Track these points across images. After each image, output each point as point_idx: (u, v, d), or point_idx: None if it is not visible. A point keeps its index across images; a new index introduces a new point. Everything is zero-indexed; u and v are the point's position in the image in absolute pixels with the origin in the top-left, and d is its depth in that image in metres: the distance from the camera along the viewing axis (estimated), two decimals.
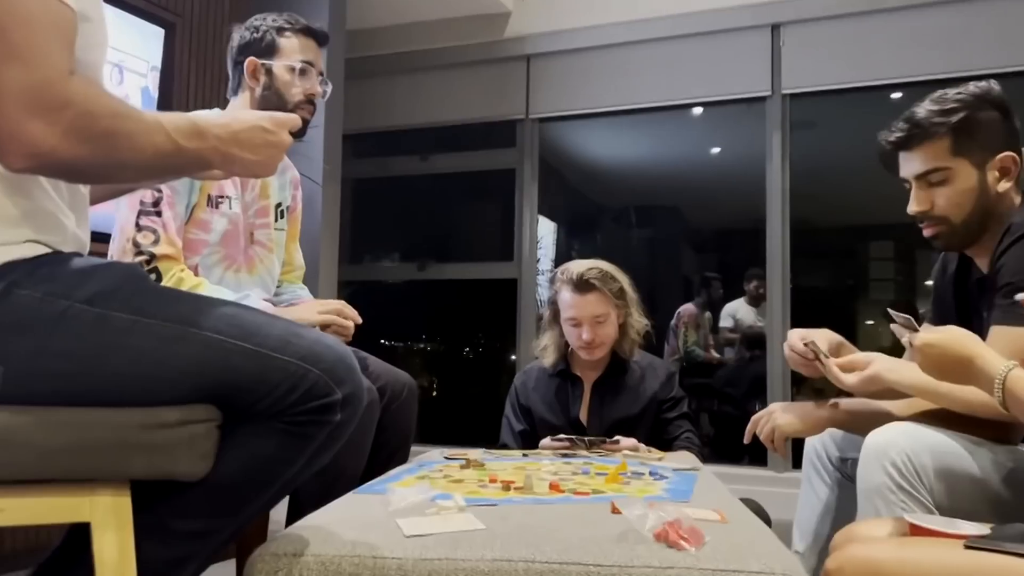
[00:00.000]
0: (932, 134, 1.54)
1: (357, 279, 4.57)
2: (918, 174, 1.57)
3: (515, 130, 4.19)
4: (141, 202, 1.67)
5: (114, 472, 0.94)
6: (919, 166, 1.57)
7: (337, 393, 1.03)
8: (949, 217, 1.55)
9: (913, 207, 1.59)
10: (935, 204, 1.56)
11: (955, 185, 1.54)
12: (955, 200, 1.54)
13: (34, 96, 0.85)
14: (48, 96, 0.85)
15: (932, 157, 1.55)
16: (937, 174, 1.55)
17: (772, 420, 1.65)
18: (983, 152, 1.53)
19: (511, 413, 2.40)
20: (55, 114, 0.86)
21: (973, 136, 1.52)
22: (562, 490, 1.37)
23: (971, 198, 1.53)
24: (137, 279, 1.01)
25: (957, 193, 1.54)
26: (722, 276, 5.40)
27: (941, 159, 1.54)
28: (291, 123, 1.14)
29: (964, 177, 1.53)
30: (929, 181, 1.56)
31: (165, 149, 0.97)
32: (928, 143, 1.55)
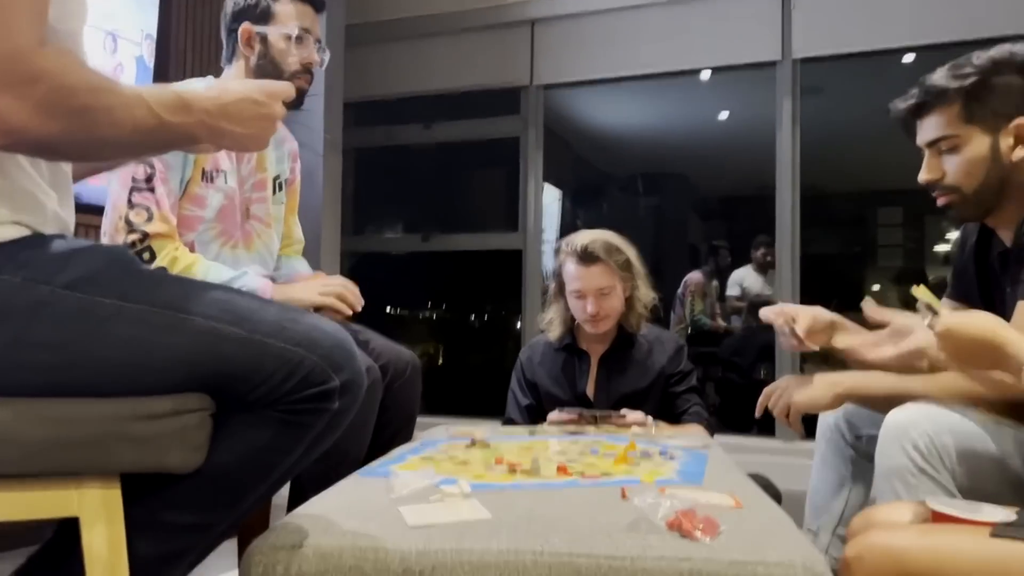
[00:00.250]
0: (942, 100, 1.48)
1: (360, 250, 4.52)
2: (928, 141, 1.52)
3: (519, 97, 4.10)
4: (133, 178, 1.61)
5: (102, 466, 0.90)
6: (930, 133, 1.52)
7: (335, 380, 0.98)
8: (960, 186, 1.50)
9: (923, 175, 1.54)
10: (945, 173, 1.51)
11: (965, 153, 1.48)
12: (965, 169, 1.48)
13: (4, 70, 0.79)
14: (17, 69, 0.80)
15: (942, 124, 1.49)
16: (947, 141, 1.50)
17: (786, 395, 1.60)
18: (996, 118, 1.46)
19: (517, 388, 2.36)
20: (25, 88, 0.80)
21: (986, 102, 1.46)
22: (570, 473, 1.33)
23: (982, 167, 1.47)
24: (122, 262, 0.95)
25: (967, 162, 1.48)
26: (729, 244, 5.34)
27: (951, 126, 1.48)
28: (284, 93, 1.07)
29: (975, 145, 1.47)
30: (939, 149, 1.51)
31: (147, 124, 0.92)
32: (938, 109, 1.49)
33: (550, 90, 4.10)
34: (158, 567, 0.97)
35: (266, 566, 0.99)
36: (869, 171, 5.49)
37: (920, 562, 0.99)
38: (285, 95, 1.08)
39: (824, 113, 4.14)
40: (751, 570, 0.93)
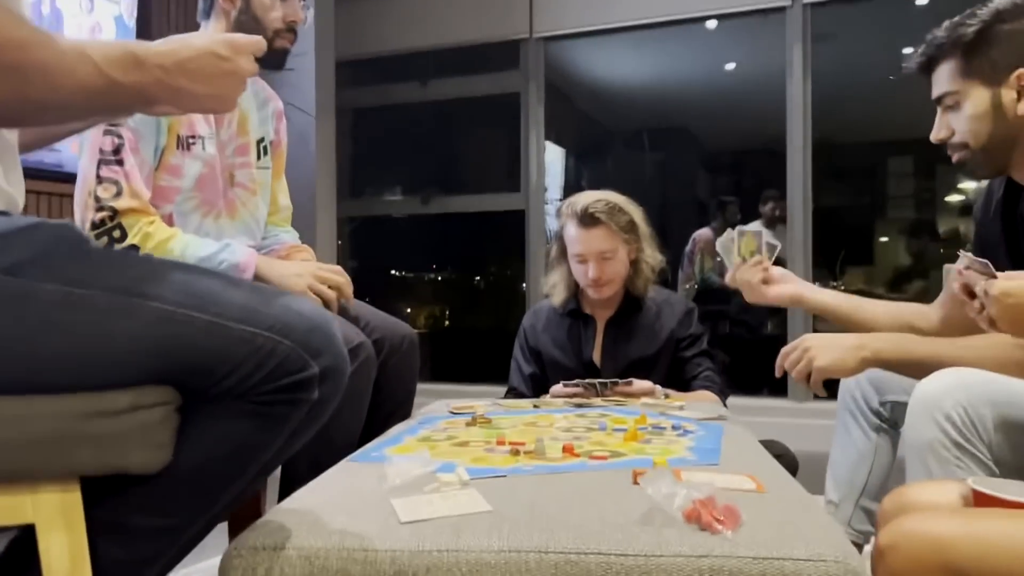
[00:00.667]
0: (944, 55, 1.43)
1: (359, 215, 4.40)
2: (936, 98, 1.47)
3: (519, 51, 3.95)
4: (101, 150, 1.50)
5: (54, 469, 0.81)
6: (936, 90, 1.47)
7: (313, 367, 0.89)
8: (968, 143, 1.44)
9: (933, 134, 1.49)
10: (954, 130, 1.45)
11: (966, 109, 1.42)
12: (969, 126, 1.42)
13: None
14: None
15: (944, 80, 1.44)
16: (950, 97, 1.44)
17: (807, 359, 1.49)
18: (996, 71, 1.39)
19: (520, 356, 2.27)
20: None
21: (985, 54, 1.39)
22: (577, 454, 1.24)
23: (986, 122, 1.40)
24: (71, 242, 0.85)
25: (969, 118, 1.42)
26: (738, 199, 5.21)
27: (952, 82, 1.43)
28: (251, 46, 0.94)
29: (975, 100, 1.41)
30: (945, 105, 1.46)
31: (93, 84, 0.81)
32: (942, 65, 1.44)
33: (551, 43, 3.96)
34: (128, 574, 0.89)
35: (245, 570, 0.90)
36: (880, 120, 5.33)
37: (965, 552, 0.89)
38: (253, 49, 0.95)
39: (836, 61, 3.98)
40: (778, 567, 0.85)
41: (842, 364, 1.45)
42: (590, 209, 2.09)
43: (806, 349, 1.50)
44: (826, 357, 1.47)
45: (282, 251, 1.83)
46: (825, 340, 1.49)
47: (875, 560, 0.98)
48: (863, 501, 1.68)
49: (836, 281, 4.83)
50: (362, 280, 1.69)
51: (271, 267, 1.61)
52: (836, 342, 1.47)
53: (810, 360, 1.48)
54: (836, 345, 1.47)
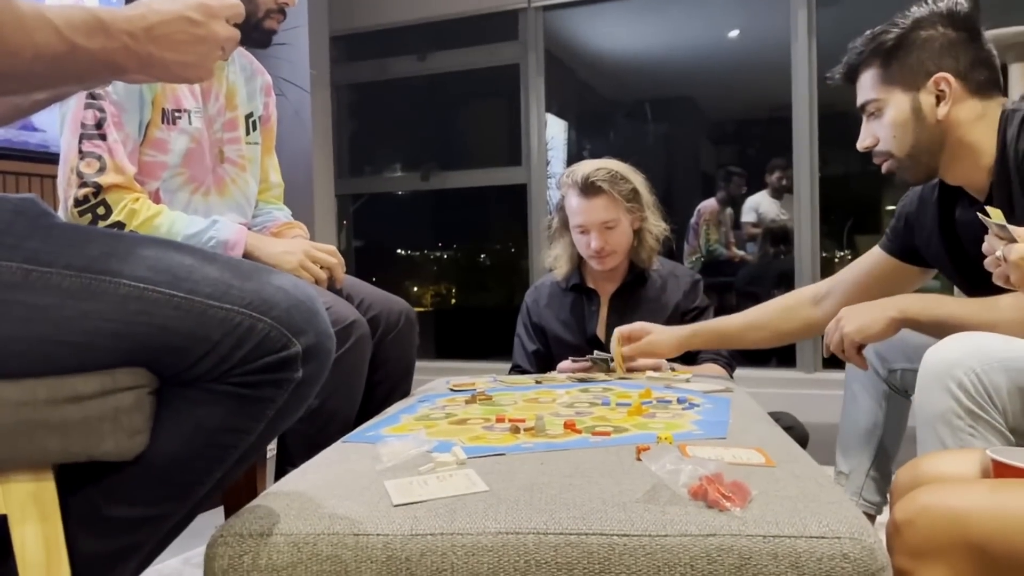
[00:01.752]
0: (864, 64, 1.43)
1: (358, 192, 4.35)
2: (859, 107, 1.47)
3: (517, 21, 3.87)
4: (82, 124, 1.45)
5: (23, 458, 0.77)
6: (859, 98, 1.46)
7: (296, 345, 0.84)
8: (892, 151, 1.43)
9: (859, 143, 1.48)
10: (878, 138, 1.45)
11: (887, 117, 1.41)
12: (891, 132, 1.41)
13: None
14: None
15: (866, 88, 1.44)
16: (871, 105, 1.43)
17: (839, 327, 1.45)
18: (915, 76, 1.38)
19: (523, 332, 2.22)
20: None
21: (903, 61, 1.39)
22: (579, 430, 1.20)
23: (908, 129, 1.40)
24: (31, 217, 0.80)
25: (890, 125, 1.41)
26: (743, 169, 5.13)
27: (872, 89, 1.43)
28: (227, 10, 0.88)
29: (895, 107, 1.40)
30: (868, 113, 1.45)
31: (53, 50, 0.75)
32: (863, 74, 1.44)
33: (550, 12, 3.88)
34: (106, 566, 0.85)
35: (232, 557, 0.86)
36: None
37: (987, 526, 0.85)
38: (229, 14, 0.89)
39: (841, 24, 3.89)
40: (790, 545, 0.80)
41: (871, 326, 1.42)
42: (591, 178, 2.03)
43: (838, 319, 1.48)
44: (855, 322, 1.44)
45: (274, 228, 1.79)
46: (855, 307, 1.47)
47: (891, 535, 0.94)
48: (873, 471, 1.63)
49: (844, 250, 4.76)
50: (367, 259, 1.66)
51: (261, 244, 1.57)
52: (865, 307, 1.45)
53: (842, 330, 1.45)
54: (864, 309, 1.45)
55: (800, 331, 1.78)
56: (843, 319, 1.44)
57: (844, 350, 1.45)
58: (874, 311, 1.41)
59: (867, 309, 1.43)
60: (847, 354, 1.45)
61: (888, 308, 1.40)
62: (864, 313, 1.42)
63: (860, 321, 1.41)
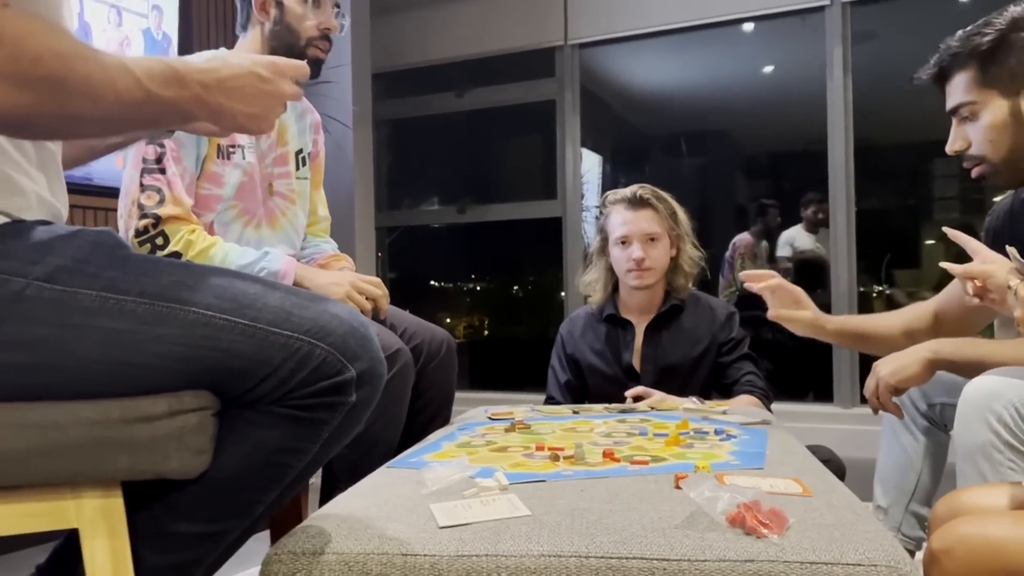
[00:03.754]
0: (959, 65, 1.40)
1: (396, 225, 4.43)
2: (950, 109, 1.44)
3: (554, 58, 3.95)
4: (144, 159, 1.53)
5: (96, 474, 0.82)
6: (950, 101, 1.44)
7: (350, 370, 0.88)
8: (986, 155, 1.41)
9: (949, 146, 1.46)
10: (971, 142, 1.43)
11: (984, 120, 1.39)
12: (987, 136, 1.39)
13: None
14: None
15: (960, 90, 1.41)
16: (966, 108, 1.41)
17: (874, 373, 1.47)
18: (1015, 80, 1.36)
19: (557, 364, 2.25)
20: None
21: (1003, 63, 1.36)
22: (617, 459, 1.22)
23: (1006, 133, 1.38)
24: (108, 248, 0.86)
25: (987, 128, 1.39)
26: (778, 202, 5.13)
27: (968, 92, 1.40)
28: (295, 71, 0.95)
29: (993, 110, 1.38)
30: (960, 116, 1.43)
31: (132, 97, 0.81)
32: (956, 75, 1.41)
33: (585, 49, 3.95)
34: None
35: (286, 575, 0.91)
36: (925, 120, 5.20)
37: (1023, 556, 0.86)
38: (296, 74, 0.96)
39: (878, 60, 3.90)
40: (827, 572, 0.82)
41: (904, 368, 1.43)
42: (639, 192, 2.14)
43: (874, 368, 1.49)
44: (889, 366, 1.45)
45: (321, 260, 1.85)
46: (889, 356, 1.48)
47: (928, 565, 0.95)
48: (913, 506, 1.63)
49: (882, 285, 4.72)
50: (402, 291, 1.71)
51: (310, 275, 1.62)
52: (899, 352, 1.46)
53: (876, 374, 1.46)
54: (898, 355, 1.46)
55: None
56: (878, 366, 1.46)
57: (879, 396, 1.46)
58: (907, 355, 1.43)
59: (901, 354, 1.44)
60: (881, 399, 1.46)
61: (921, 350, 1.42)
62: (898, 358, 1.44)
63: (894, 365, 1.43)
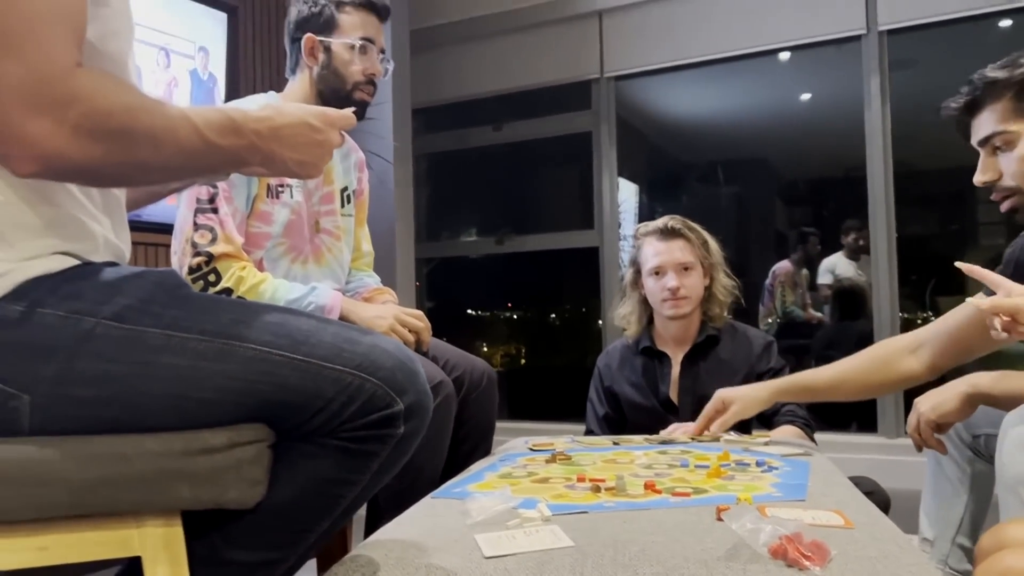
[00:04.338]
0: (993, 94, 1.39)
1: (435, 256, 4.49)
2: (981, 139, 1.43)
3: (590, 91, 4.00)
4: (197, 199, 1.60)
5: (156, 504, 0.86)
6: (982, 130, 1.42)
7: (399, 403, 0.92)
8: (1020, 187, 1.40)
9: (978, 176, 1.44)
10: (1002, 173, 1.41)
11: (1018, 150, 1.37)
12: (1021, 168, 1.38)
13: (34, 93, 0.75)
14: (50, 92, 0.76)
15: (994, 120, 1.40)
16: (1000, 138, 1.40)
17: (915, 409, 1.47)
18: None
19: (595, 397, 2.26)
20: (60, 111, 0.76)
21: None
22: (658, 490, 1.23)
23: None
24: (170, 288, 0.91)
25: (1021, 159, 1.37)
26: (818, 230, 5.10)
27: (1003, 121, 1.39)
28: (343, 122, 1.02)
29: None
30: (993, 146, 1.41)
31: (193, 146, 0.87)
32: (990, 105, 1.40)
33: (621, 81, 3.99)
34: None
35: None
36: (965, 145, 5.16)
37: None
38: (344, 123, 1.03)
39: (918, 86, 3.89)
40: None
41: (944, 403, 1.43)
42: (670, 223, 2.16)
43: (915, 404, 1.48)
44: (927, 403, 1.45)
45: (365, 293, 1.90)
46: (929, 391, 1.48)
47: None
48: (960, 538, 1.61)
49: (926, 312, 4.66)
50: (439, 320, 1.74)
51: (355, 309, 1.67)
52: (937, 389, 1.46)
53: (917, 410, 1.46)
54: (937, 390, 1.46)
55: (896, 383, 1.69)
56: (918, 402, 1.46)
57: (921, 432, 1.46)
58: (946, 390, 1.44)
59: (940, 389, 1.45)
60: (923, 435, 1.46)
61: (959, 384, 1.42)
62: (938, 393, 1.44)
63: (934, 400, 1.43)
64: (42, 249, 0.87)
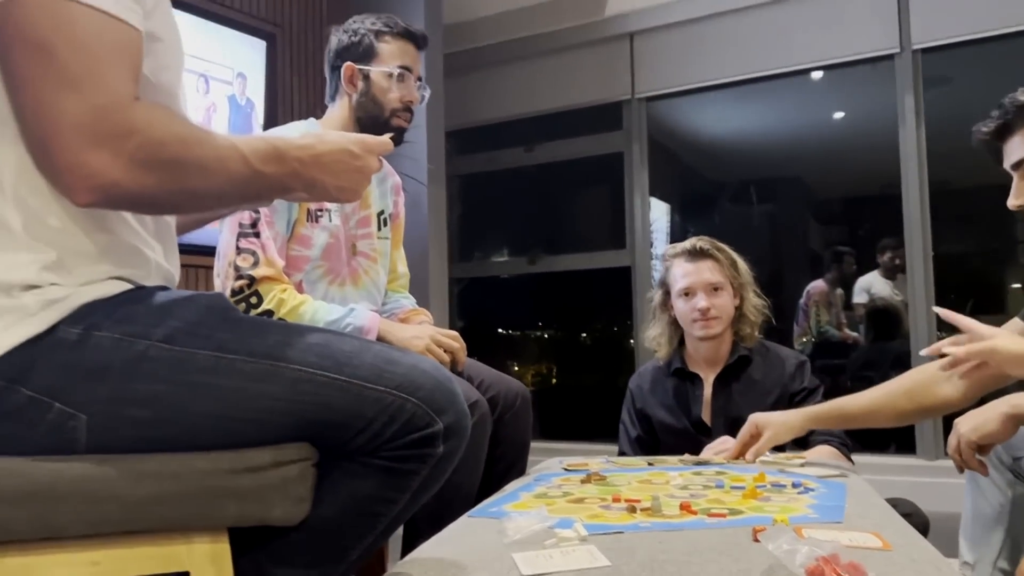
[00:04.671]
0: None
1: (468, 276, 4.53)
2: (1015, 163, 1.41)
3: (621, 111, 4.03)
4: (240, 224, 1.65)
5: (204, 521, 0.89)
6: (1016, 154, 1.41)
7: (438, 423, 0.94)
8: None
9: (1012, 200, 1.43)
10: None
11: None
12: None
13: (95, 126, 0.79)
14: (109, 124, 0.80)
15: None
16: None
17: (955, 431, 1.46)
18: None
19: (627, 419, 2.26)
20: (118, 143, 0.80)
21: None
22: (694, 511, 1.24)
23: None
24: (219, 312, 0.95)
25: None
26: (853, 248, 5.06)
27: None
28: (381, 148, 1.06)
29: None
30: None
31: (241, 175, 0.91)
32: (1021, 129, 1.39)
33: (653, 102, 4.01)
34: None
35: None
36: None
37: None
38: (383, 150, 1.06)
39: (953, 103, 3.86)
40: None
41: (984, 424, 1.42)
42: (698, 244, 2.15)
43: (955, 426, 1.47)
44: (967, 424, 1.44)
45: (401, 314, 1.93)
46: (969, 412, 1.46)
47: None
48: (1000, 562, 1.59)
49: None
50: (470, 339, 1.76)
51: (392, 329, 1.70)
52: (977, 410, 1.45)
53: (957, 431, 1.45)
54: (978, 411, 1.45)
55: (933, 409, 1.66)
56: (958, 423, 1.45)
57: (962, 453, 1.45)
58: (987, 411, 1.42)
59: (980, 410, 1.43)
60: (964, 457, 1.44)
61: (999, 405, 1.41)
62: (978, 414, 1.43)
63: (974, 421, 1.42)
64: (98, 274, 0.91)
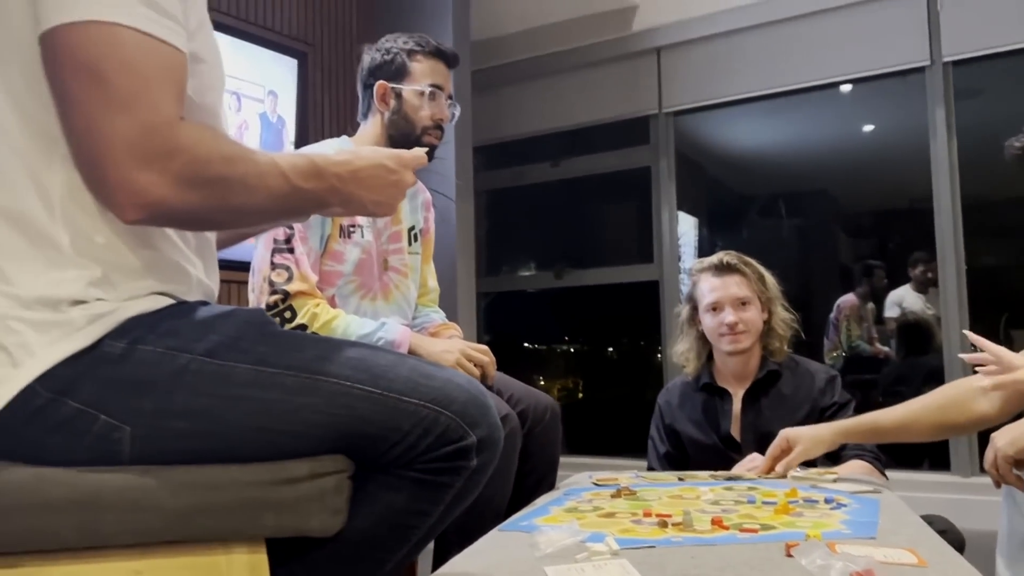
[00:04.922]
0: None
1: (495, 291, 4.55)
2: None
3: (648, 126, 4.03)
4: (274, 240, 1.68)
5: (243, 531, 0.91)
6: None
7: (472, 436, 0.95)
8: None
9: None
10: None
11: None
12: None
13: (143, 146, 0.82)
14: (156, 144, 0.83)
15: None
16: None
17: (992, 444, 1.44)
18: None
19: (656, 435, 2.26)
20: (164, 162, 0.83)
21: None
22: (726, 526, 1.24)
23: None
24: (258, 326, 0.97)
25: None
26: (884, 262, 5.00)
27: None
28: (416, 162, 1.09)
29: None
30: None
31: (281, 191, 0.94)
32: None
33: (680, 116, 4.01)
34: None
35: None
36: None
37: None
38: (417, 164, 1.09)
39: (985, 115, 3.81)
40: None
41: (1021, 438, 1.39)
42: (724, 259, 2.16)
43: (992, 439, 1.45)
44: (1005, 438, 1.42)
45: (431, 328, 1.95)
46: (1006, 426, 1.44)
47: None
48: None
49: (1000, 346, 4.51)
50: (497, 353, 1.77)
51: (423, 343, 1.72)
52: (1015, 424, 1.42)
53: (994, 445, 1.44)
54: (1015, 425, 1.43)
55: (968, 425, 1.67)
56: (994, 438, 1.43)
57: (999, 468, 1.42)
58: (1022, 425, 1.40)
59: (1018, 423, 1.41)
60: (1001, 471, 1.42)
61: None
62: (1015, 427, 1.40)
63: (1012, 435, 1.40)
64: (142, 289, 0.93)
